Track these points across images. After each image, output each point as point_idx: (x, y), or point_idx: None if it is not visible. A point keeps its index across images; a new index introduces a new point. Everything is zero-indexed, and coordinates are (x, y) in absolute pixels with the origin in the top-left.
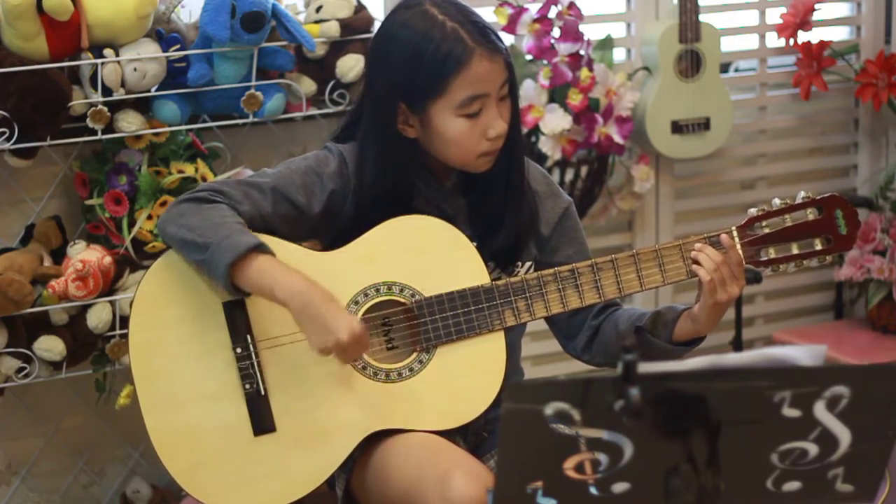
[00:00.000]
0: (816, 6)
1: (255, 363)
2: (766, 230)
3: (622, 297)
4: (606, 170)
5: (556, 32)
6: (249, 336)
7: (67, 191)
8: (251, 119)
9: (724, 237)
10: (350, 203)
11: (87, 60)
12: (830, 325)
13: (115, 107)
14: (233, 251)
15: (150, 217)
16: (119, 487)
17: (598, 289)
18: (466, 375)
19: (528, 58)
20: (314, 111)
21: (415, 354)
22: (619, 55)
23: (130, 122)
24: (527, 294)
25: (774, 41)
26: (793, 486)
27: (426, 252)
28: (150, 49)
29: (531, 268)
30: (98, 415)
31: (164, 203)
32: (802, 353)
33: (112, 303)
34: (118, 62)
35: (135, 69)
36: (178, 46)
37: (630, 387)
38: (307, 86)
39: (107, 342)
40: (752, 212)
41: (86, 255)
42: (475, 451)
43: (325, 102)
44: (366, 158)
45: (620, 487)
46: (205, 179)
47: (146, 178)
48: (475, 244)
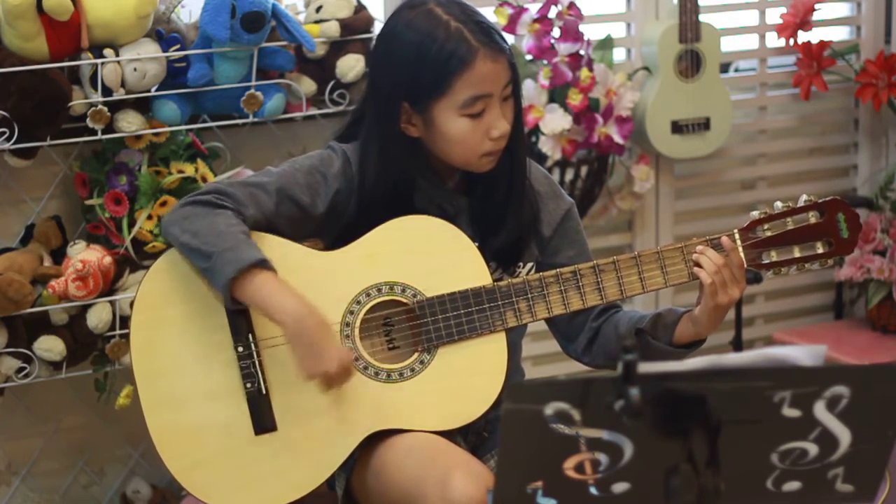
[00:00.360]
0: (816, 6)
1: (257, 362)
2: (768, 233)
3: (624, 299)
4: (606, 170)
5: (556, 32)
6: (251, 335)
7: (67, 191)
8: (251, 119)
9: (725, 240)
10: (353, 202)
11: (87, 60)
12: (830, 325)
13: (115, 107)
14: (234, 265)
15: (150, 217)
16: (119, 487)
17: (600, 290)
18: (468, 376)
19: (528, 58)
20: (314, 111)
21: (416, 355)
22: (619, 55)
23: (130, 122)
24: (528, 295)
25: (774, 41)
26: (793, 486)
27: (428, 252)
28: (150, 49)
29: (532, 269)
30: (98, 415)
31: (164, 203)
32: (802, 353)
33: (112, 303)
34: (118, 62)
35: (135, 69)
36: (178, 46)
37: (630, 387)
38: (307, 86)
39: (107, 342)
40: (754, 214)
41: (86, 255)
42: (475, 451)
43: (325, 102)
44: (368, 157)
45: (620, 487)
46: (205, 179)
47: (146, 178)
48: (477, 244)
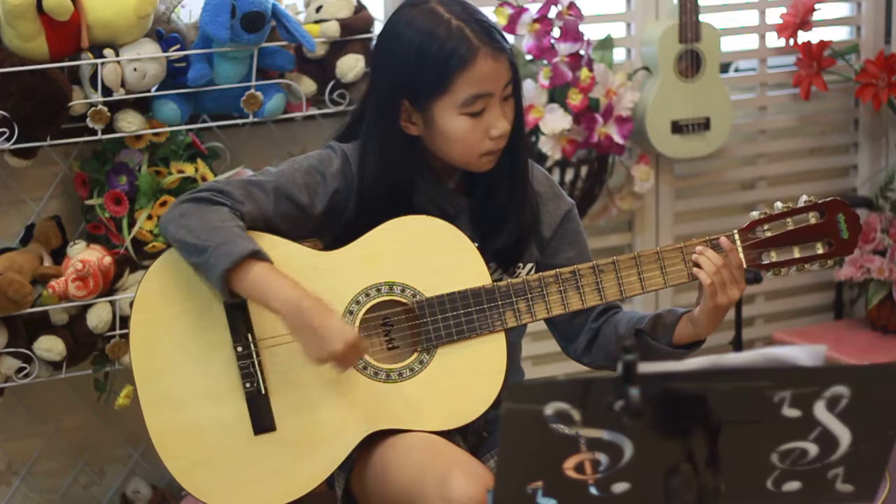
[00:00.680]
0: (816, 6)
1: (256, 362)
2: (768, 233)
3: (623, 299)
4: (606, 170)
5: (556, 32)
6: (250, 335)
7: (67, 191)
8: (251, 119)
9: (724, 240)
10: (352, 202)
11: (87, 60)
12: (830, 325)
13: (115, 107)
14: (229, 258)
15: (150, 217)
16: (119, 487)
17: (600, 290)
18: (467, 376)
19: (528, 58)
20: (314, 111)
21: (415, 355)
22: (619, 55)
23: (130, 122)
24: (528, 295)
25: (774, 41)
26: (793, 486)
27: (428, 252)
28: (150, 49)
29: (532, 269)
30: (98, 415)
31: (164, 203)
32: (802, 353)
33: (112, 303)
34: (118, 62)
35: (135, 69)
36: (178, 46)
37: (630, 387)
38: (307, 86)
39: (107, 342)
40: (754, 215)
41: (86, 255)
42: (475, 451)
43: (325, 102)
44: (367, 155)
45: (620, 487)
46: (205, 179)
47: (146, 178)
48: (477, 245)
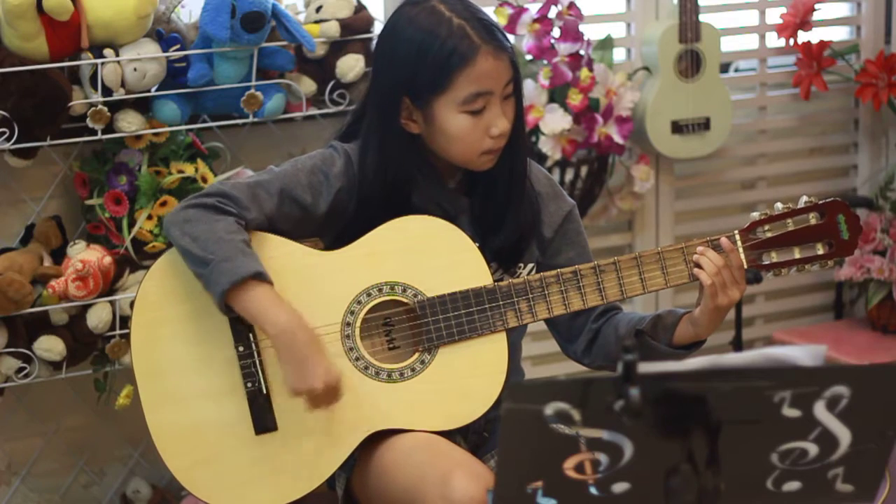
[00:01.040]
0: (816, 6)
1: (257, 362)
2: (769, 234)
3: (624, 299)
4: (606, 170)
5: (556, 32)
6: (251, 334)
7: (67, 191)
8: (251, 119)
9: (724, 241)
10: (355, 201)
11: (87, 60)
12: (830, 325)
13: (115, 107)
14: (230, 276)
15: (150, 217)
16: (119, 487)
17: (601, 290)
18: (468, 376)
19: (528, 58)
20: (314, 111)
21: (416, 354)
22: (619, 55)
23: (130, 122)
24: (529, 295)
25: (774, 41)
26: (793, 486)
27: (429, 252)
28: (150, 49)
29: (533, 269)
30: (98, 415)
31: (164, 203)
32: (802, 353)
33: (112, 303)
34: (118, 62)
35: (135, 69)
36: (178, 46)
37: (630, 387)
38: (307, 86)
39: (107, 342)
40: (755, 215)
41: (86, 255)
42: (475, 451)
43: (325, 102)
44: (368, 152)
45: (620, 487)
46: (205, 179)
47: (146, 178)
48: (477, 245)
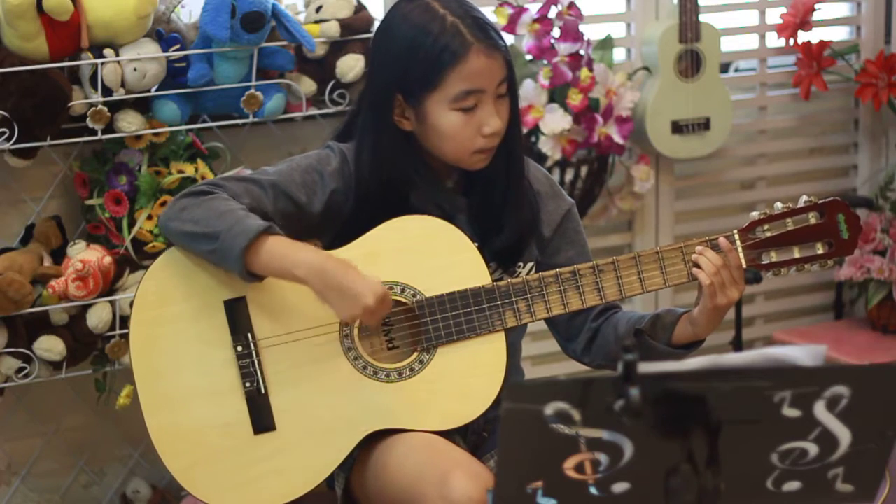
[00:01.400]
0: (816, 6)
1: (256, 361)
2: (768, 233)
3: (623, 299)
4: (606, 170)
5: (556, 32)
6: (250, 334)
7: (67, 191)
8: (251, 119)
9: (723, 241)
10: (351, 201)
11: (87, 60)
12: (830, 325)
13: (115, 107)
14: (245, 236)
15: (150, 217)
16: (119, 487)
17: (600, 290)
18: (467, 376)
19: (528, 58)
20: (314, 111)
21: (415, 354)
22: (619, 55)
23: (130, 122)
24: (528, 295)
25: (774, 41)
26: (793, 486)
27: (428, 252)
28: (150, 49)
29: (532, 269)
30: (98, 415)
31: (164, 203)
32: (802, 353)
33: (112, 303)
34: (118, 62)
35: (135, 69)
36: (178, 46)
37: (630, 387)
38: (307, 86)
39: (107, 342)
40: (754, 215)
41: (86, 255)
42: (475, 451)
43: (325, 102)
44: (362, 149)
45: (620, 487)
46: (205, 179)
47: (146, 178)
48: (476, 244)
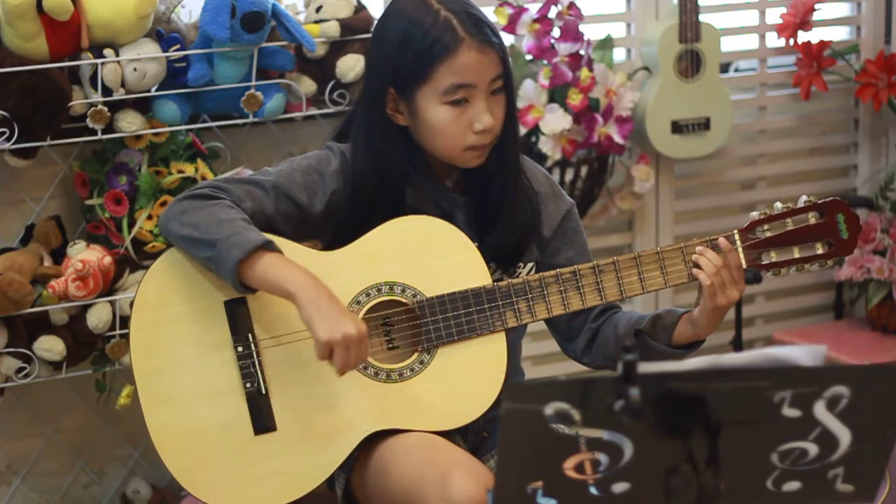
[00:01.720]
0: (816, 6)
1: (256, 362)
2: (768, 233)
3: (623, 299)
4: (606, 170)
5: (556, 32)
6: (251, 334)
7: (67, 191)
8: (251, 119)
9: (723, 241)
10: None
11: (87, 60)
12: (830, 325)
13: (115, 107)
14: (241, 248)
15: (150, 217)
16: (119, 487)
17: (600, 290)
18: (467, 376)
19: (528, 58)
20: (314, 111)
21: (416, 355)
22: (619, 55)
23: (130, 122)
24: (528, 295)
25: (774, 41)
26: (793, 486)
27: (428, 253)
28: (150, 49)
29: (532, 269)
30: (98, 415)
31: (164, 203)
32: (802, 353)
33: (112, 303)
34: (118, 62)
35: (135, 69)
36: (178, 46)
37: (630, 387)
38: (307, 86)
39: (107, 342)
40: (754, 215)
41: (86, 255)
42: (475, 451)
43: (325, 102)
44: (358, 143)
45: (620, 487)
46: (205, 179)
47: (146, 178)
48: (476, 244)
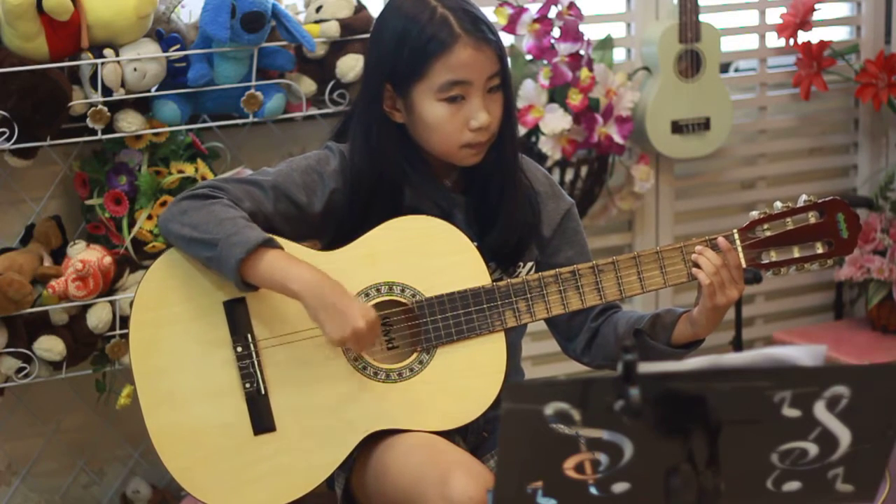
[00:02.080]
0: (816, 6)
1: (256, 362)
2: (768, 233)
3: (623, 299)
4: (606, 170)
5: (556, 32)
6: (250, 335)
7: (67, 191)
8: (251, 119)
9: (722, 240)
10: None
11: (87, 60)
12: (830, 325)
13: (115, 107)
14: (242, 247)
15: (150, 217)
16: (119, 487)
17: (600, 290)
18: (467, 376)
19: (528, 58)
20: (314, 111)
21: (415, 355)
22: (619, 55)
23: (130, 122)
24: (528, 295)
25: (774, 41)
26: (793, 486)
27: (427, 253)
28: (150, 49)
29: (532, 268)
30: (98, 415)
31: (164, 203)
32: (802, 353)
33: (112, 303)
34: (118, 62)
35: (135, 69)
36: (178, 46)
37: (630, 387)
38: (307, 86)
39: (107, 342)
40: (754, 215)
41: (86, 255)
42: (475, 451)
43: (325, 102)
44: (356, 140)
45: (620, 487)
46: (205, 179)
47: (146, 178)
48: (476, 244)
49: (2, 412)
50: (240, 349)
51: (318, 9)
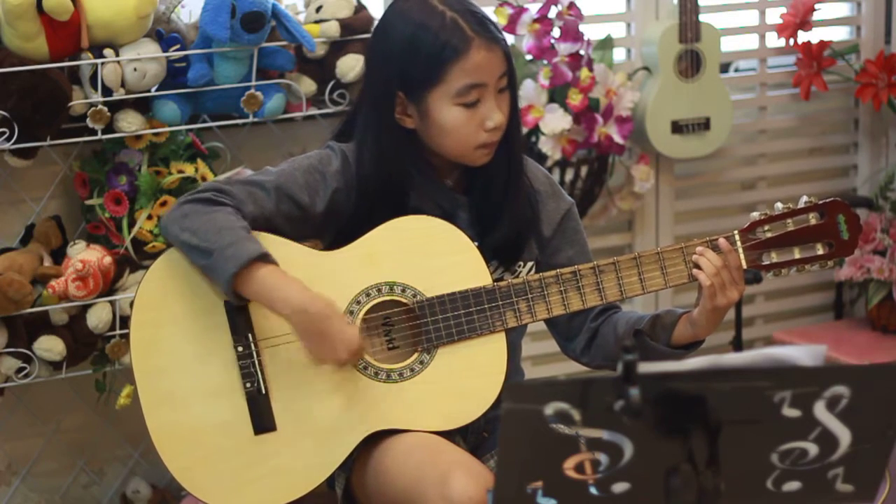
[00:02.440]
0: (816, 6)
1: (256, 362)
2: (769, 234)
3: (623, 299)
4: (606, 170)
5: (556, 32)
6: (250, 335)
7: (67, 191)
8: (251, 119)
9: (723, 241)
10: (353, 201)
11: (87, 60)
12: (830, 325)
13: (115, 107)
14: (236, 261)
15: (150, 217)
16: (119, 487)
17: (600, 290)
18: (467, 376)
19: (528, 58)
20: (314, 111)
21: (416, 355)
22: (619, 55)
23: (130, 122)
24: (528, 295)
25: (774, 41)
26: (793, 486)
27: (428, 253)
28: (150, 49)
29: (533, 268)
30: (98, 415)
31: (164, 203)
32: (802, 353)
33: (112, 303)
34: (118, 62)
35: (135, 69)
36: (178, 46)
37: (630, 387)
38: (307, 86)
39: (107, 342)
40: (755, 216)
41: (86, 255)
42: (475, 451)
43: (325, 102)
44: (364, 148)
45: (620, 487)
46: (205, 179)
47: (146, 178)
48: (476, 244)
49: (2, 412)
50: (240, 349)
51: (318, 9)
